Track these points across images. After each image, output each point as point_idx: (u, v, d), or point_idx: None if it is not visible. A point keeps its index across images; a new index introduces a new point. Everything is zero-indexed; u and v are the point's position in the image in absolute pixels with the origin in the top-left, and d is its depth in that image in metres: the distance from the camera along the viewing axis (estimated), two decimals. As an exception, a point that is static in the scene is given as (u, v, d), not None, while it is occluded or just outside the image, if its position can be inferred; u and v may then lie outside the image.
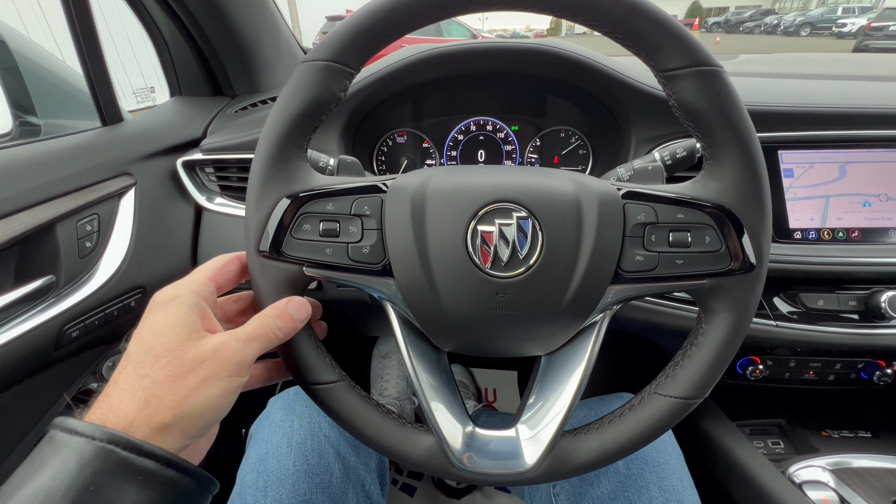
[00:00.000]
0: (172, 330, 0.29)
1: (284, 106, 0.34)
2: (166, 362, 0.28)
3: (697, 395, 0.35)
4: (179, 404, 0.27)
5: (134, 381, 0.27)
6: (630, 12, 0.32)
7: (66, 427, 0.26)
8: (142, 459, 0.25)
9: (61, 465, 0.24)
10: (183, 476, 0.27)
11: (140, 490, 0.25)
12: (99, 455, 0.24)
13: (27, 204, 0.52)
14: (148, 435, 0.26)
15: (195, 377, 0.28)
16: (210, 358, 0.29)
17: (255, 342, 0.31)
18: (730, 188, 0.34)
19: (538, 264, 0.34)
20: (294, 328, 0.34)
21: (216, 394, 0.29)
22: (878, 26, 11.79)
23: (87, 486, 0.24)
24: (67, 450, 0.24)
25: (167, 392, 0.27)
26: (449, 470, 0.37)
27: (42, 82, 0.78)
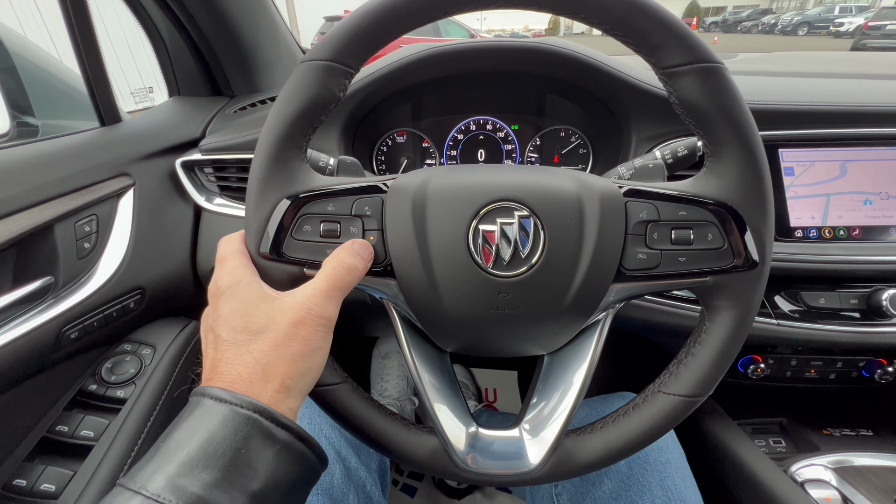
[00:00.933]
0: (257, 307, 0.31)
1: (284, 106, 0.34)
2: (266, 335, 0.30)
3: (701, 393, 0.35)
4: (291, 367, 0.30)
5: (243, 356, 0.29)
6: (631, 9, 0.31)
7: (214, 395, 0.28)
8: (279, 430, 0.28)
9: (216, 429, 0.26)
10: (308, 450, 0.30)
11: (277, 458, 0.27)
12: (248, 422, 0.27)
13: (25, 205, 0.52)
14: (274, 398, 0.29)
15: (296, 342, 0.30)
16: (301, 321, 0.31)
17: (335, 293, 0.32)
18: (732, 185, 0.34)
19: (540, 263, 0.34)
20: (365, 267, 0.35)
21: (315, 349, 0.31)
22: (875, 25, 11.83)
23: (240, 448, 0.26)
24: (219, 416, 0.27)
25: (277, 359, 0.29)
26: (452, 471, 0.37)
27: (40, 82, 0.78)
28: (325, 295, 0.32)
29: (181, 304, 0.72)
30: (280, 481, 0.27)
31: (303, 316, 0.31)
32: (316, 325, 0.31)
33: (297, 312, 0.31)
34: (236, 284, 0.32)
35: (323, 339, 0.32)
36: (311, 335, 0.31)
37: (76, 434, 0.54)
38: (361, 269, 0.34)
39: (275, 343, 0.30)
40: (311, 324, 0.31)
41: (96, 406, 0.57)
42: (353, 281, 0.33)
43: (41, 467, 0.51)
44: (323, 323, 0.31)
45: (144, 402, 0.57)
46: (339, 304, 0.33)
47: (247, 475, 0.26)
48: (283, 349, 0.30)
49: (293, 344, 0.30)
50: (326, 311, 0.32)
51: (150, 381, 0.59)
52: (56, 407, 0.56)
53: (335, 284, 0.32)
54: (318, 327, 0.31)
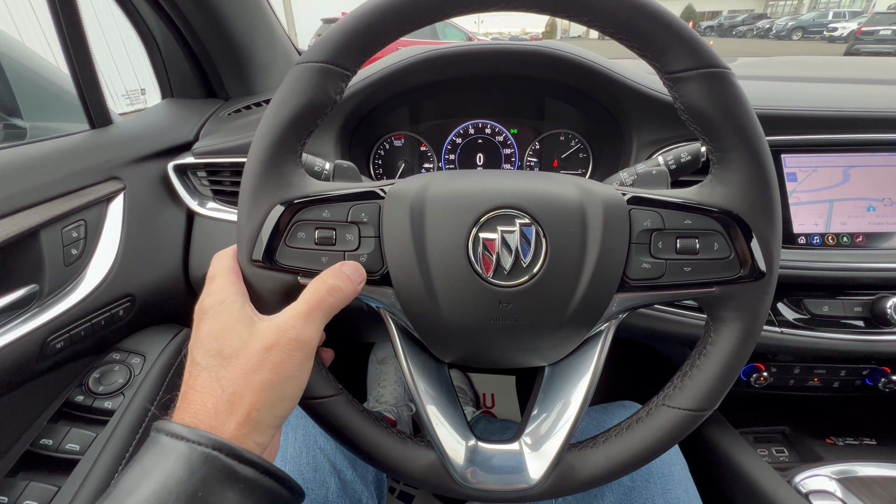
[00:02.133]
0: (233, 330, 0.29)
1: (278, 109, 0.33)
2: (236, 361, 0.28)
3: (707, 408, 0.34)
4: (260, 397, 0.28)
5: (212, 384, 0.28)
6: (635, 13, 0.31)
7: (170, 432, 0.26)
8: (243, 467, 0.26)
9: (171, 470, 0.25)
10: (278, 485, 0.28)
11: (242, 498, 0.26)
12: (206, 461, 0.25)
13: (10, 210, 0.50)
14: (238, 432, 0.27)
15: (267, 367, 0.28)
16: (274, 345, 0.29)
17: (314, 314, 0.30)
18: (738, 193, 0.33)
19: (542, 272, 0.33)
20: (353, 289, 0.33)
21: (289, 377, 0.29)
22: (869, 30, 11.98)
23: (196, 492, 0.24)
24: (174, 454, 0.25)
25: (245, 388, 0.28)
26: (450, 486, 0.36)
27: (28, 84, 0.76)
28: (304, 317, 0.30)
29: (173, 311, 0.70)
30: None
31: (276, 339, 0.29)
32: (291, 349, 0.29)
33: (271, 336, 0.29)
34: (220, 305, 0.31)
35: (298, 366, 0.29)
36: (284, 361, 0.29)
37: (61, 448, 0.52)
38: (348, 291, 0.32)
39: (244, 370, 0.28)
40: (286, 348, 0.29)
41: (83, 418, 0.55)
42: (336, 303, 0.31)
43: (24, 483, 0.49)
44: (299, 347, 0.29)
45: (133, 413, 0.56)
46: (319, 328, 0.31)
47: None
48: (251, 377, 0.28)
49: (263, 371, 0.28)
50: (304, 335, 0.30)
51: (139, 391, 0.58)
52: (41, 419, 0.55)
53: (315, 306, 0.30)
54: (294, 352, 0.29)
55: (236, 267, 0.34)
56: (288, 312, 0.30)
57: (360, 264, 0.34)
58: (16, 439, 0.53)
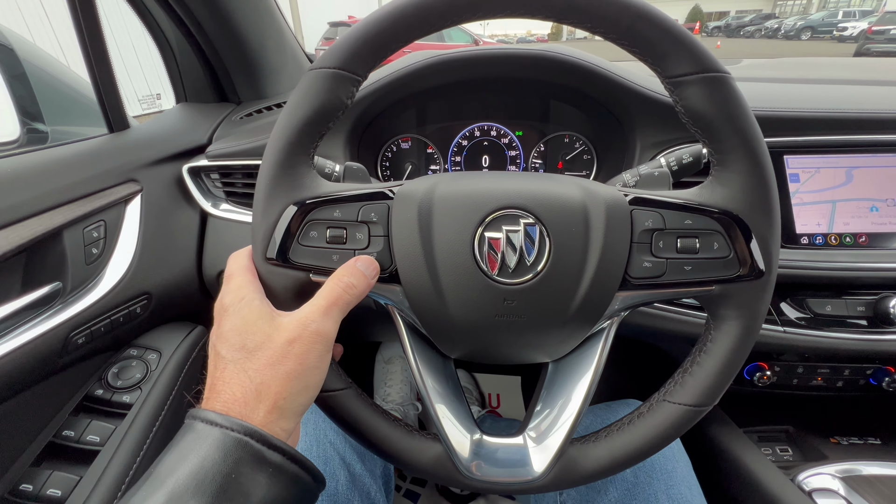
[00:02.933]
0: (255, 325, 0.31)
1: (292, 113, 0.34)
2: (262, 353, 0.30)
3: (707, 403, 0.35)
4: (285, 386, 0.29)
5: (239, 375, 0.30)
6: (637, 19, 0.32)
7: (205, 418, 0.28)
8: (272, 452, 0.28)
9: (207, 453, 0.26)
10: (303, 472, 0.30)
11: (270, 481, 0.27)
12: (238, 446, 0.27)
13: (35, 211, 0.52)
14: (266, 419, 0.29)
15: (291, 360, 0.30)
16: (297, 339, 0.30)
17: (333, 310, 0.32)
18: (738, 194, 0.34)
19: (546, 271, 0.34)
20: (368, 284, 0.34)
21: (312, 368, 0.31)
22: (879, 30, 11.80)
23: (230, 474, 0.26)
24: (210, 439, 0.27)
25: (272, 378, 0.29)
26: (456, 478, 0.37)
27: (49, 89, 0.79)
28: (323, 312, 0.32)
29: (187, 309, 0.72)
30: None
31: (298, 333, 0.30)
32: (312, 342, 0.31)
33: (294, 330, 0.31)
34: (239, 302, 0.32)
35: (319, 357, 0.31)
36: (306, 353, 0.30)
37: (82, 439, 0.54)
38: (362, 287, 0.34)
39: (269, 361, 0.30)
40: (307, 341, 0.31)
41: (102, 411, 0.57)
42: (351, 300, 0.33)
43: (48, 472, 0.51)
44: (319, 340, 0.31)
45: (150, 407, 0.58)
46: (337, 322, 0.33)
47: (237, 500, 0.26)
48: (276, 367, 0.29)
49: (287, 362, 0.30)
50: (323, 328, 0.31)
51: (155, 386, 0.60)
52: (63, 412, 0.57)
53: (333, 302, 0.32)
54: (315, 345, 0.31)
55: (251, 266, 0.36)
56: (308, 308, 0.32)
57: (373, 258, 0.35)
58: (39, 430, 0.55)
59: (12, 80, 0.72)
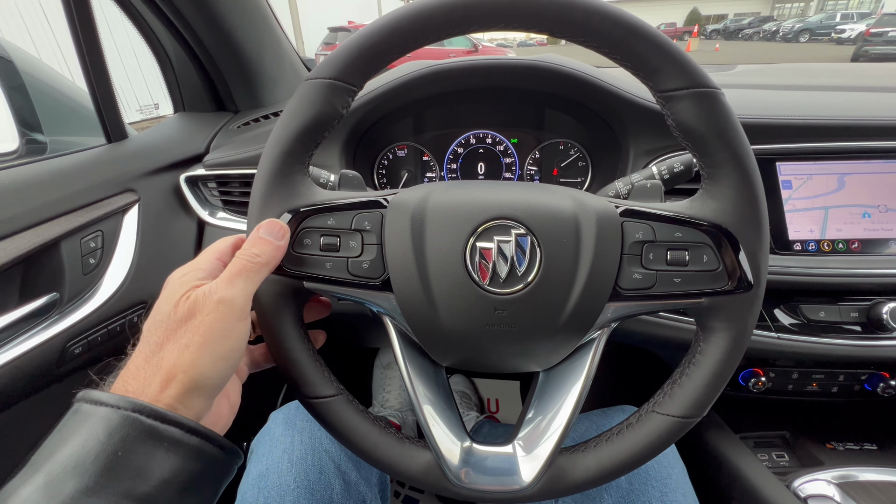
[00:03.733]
0: (169, 299, 0.30)
1: (288, 122, 0.35)
2: (164, 326, 0.29)
3: (695, 415, 0.35)
4: (190, 360, 0.28)
5: (143, 349, 0.29)
6: (629, 34, 0.32)
7: (90, 398, 0.27)
8: (166, 427, 0.26)
9: (89, 433, 0.25)
10: (207, 444, 0.28)
11: (167, 456, 0.26)
12: (125, 423, 0.25)
13: (32, 222, 0.53)
14: (164, 394, 0.27)
15: (191, 332, 0.29)
16: (199, 310, 0.29)
17: (238, 278, 0.31)
18: (728, 208, 0.34)
19: (536, 281, 0.35)
20: (275, 247, 0.34)
21: (219, 338, 0.29)
22: (877, 32, 11.82)
23: (116, 451, 0.25)
24: (94, 419, 0.25)
25: (172, 353, 0.28)
26: (445, 486, 0.37)
27: (48, 100, 0.80)
28: (226, 282, 0.31)
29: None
30: (173, 480, 0.26)
31: (201, 304, 0.29)
32: (215, 311, 0.29)
33: (196, 302, 0.30)
34: (180, 278, 0.32)
35: (226, 327, 0.30)
36: (211, 324, 0.29)
37: (79, 449, 0.54)
38: (269, 253, 0.33)
39: (168, 335, 0.29)
40: (210, 311, 0.29)
41: (99, 420, 0.57)
42: (259, 268, 0.32)
43: (44, 483, 0.51)
44: (223, 309, 0.30)
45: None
46: (245, 292, 0.31)
47: (126, 478, 0.24)
48: (177, 341, 0.28)
49: (187, 334, 0.29)
50: (227, 295, 0.30)
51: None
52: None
53: (237, 273, 0.31)
54: (219, 314, 0.29)
55: (225, 252, 0.35)
56: (213, 281, 0.31)
57: (277, 220, 0.35)
58: (36, 442, 0.55)
59: (11, 91, 0.73)
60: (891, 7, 19.96)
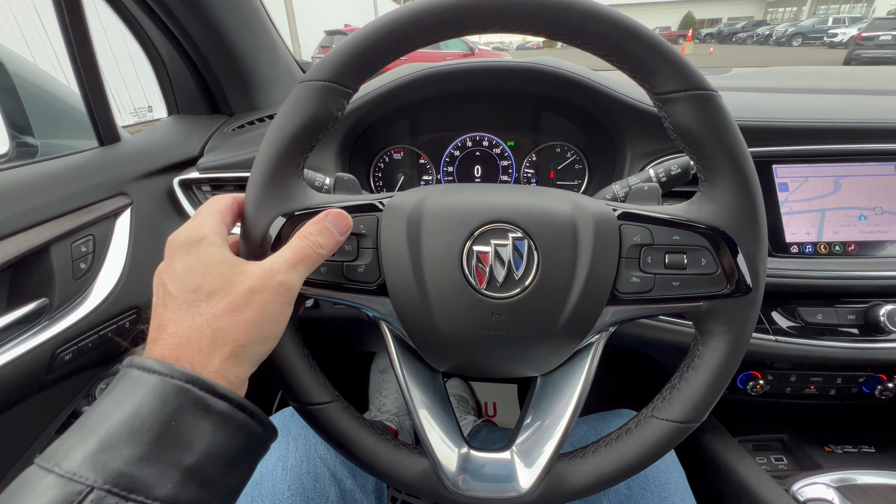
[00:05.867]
0: (216, 268, 0.30)
1: (281, 125, 0.34)
2: (221, 298, 0.29)
3: (695, 420, 0.35)
4: (244, 334, 0.29)
5: (192, 317, 0.28)
6: (626, 37, 0.32)
7: (142, 366, 0.26)
8: (216, 400, 0.26)
9: (144, 400, 0.25)
10: (251, 420, 0.28)
11: (215, 429, 0.26)
12: (178, 393, 0.25)
13: (22, 226, 0.52)
14: (222, 367, 0.28)
15: (252, 308, 0.29)
16: (261, 288, 0.29)
17: (300, 266, 0.31)
18: (725, 211, 0.34)
19: (534, 285, 0.34)
20: (336, 242, 0.34)
21: (272, 319, 0.30)
22: (869, 36, 11.98)
23: (170, 422, 0.25)
24: (146, 387, 0.25)
25: (230, 325, 0.28)
26: (442, 493, 0.36)
27: (40, 102, 0.79)
28: (289, 265, 0.31)
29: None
30: (219, 453, 0.26)
31: (263, 283, 0.30)
32: (276, 292, 0.30)
33: (258, 279, 0.30)
34: (198, 242, 0.31)
35: (281, 309, 0.30)
36: (269, 303, 0.29)
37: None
38: (330, 245, 0.33)
39: (229, 307, 0.28)
40: (271, 291, 0.30)
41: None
42: (318, 259, 0.33)
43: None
44: (283, 292, 0.30)
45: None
46: (303, 277, 0.32)
47: (178, 448, 0.24)
48: (237, 315, 0.28)
49: (248, 310, 0.29)
50: (289, 280, 0.30)
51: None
52: (48, 430, 0.56)
53: (301, 258, 0.32)
54: (278, 296, 0.30)
55: (225, 212, 0.35)
56: (275, 258, 0.31)
57: (344, 213, 0.35)
58: (24, 450, 0.54)
59: (1, 93, 0.72)
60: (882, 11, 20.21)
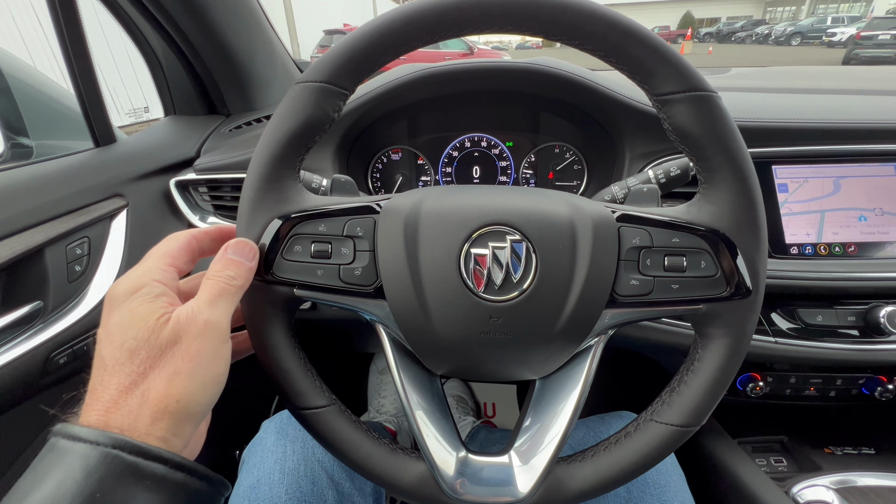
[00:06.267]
0: (142, 320, 0.27)
1: (278, 126, 0.34)
2: (145, 353, 0.27)
3: (694, 423, 0.35)
4: (177, 387, 0.26)
5: (119, 378, 0.26)
6: (624, 38, 0.32)
7: (67, 434, 0.24)
8: (149, 463, 0.25)
9: (66, 473, 0.23)
10: (193, 478, 0.27)
11: (150, 495, 0.24)
12: (104, 461, 0.23)
13: (16, 229, 0.51)
14: (154, 426, 0.26)
15: (179, 357, 0.27)
16: (185, 333, 0.27)
17: (220, 300, 0.30)
18: (725, 213, 0.34)
19: (532, 288, 0.34)
20: (249, 268, 0.32)
21: (207, 363, 0.28)
22: (867, 35, 11.98)
23: (94, 493, 0.23)
24: (71, 457, 0.24)
25: (157, 380, 0.26)
26: (440, 498, 0.36)
27: (35, 103, 0.78)
28: (209, 303, 0.29)
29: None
30: None
31: (186, 327, 0.27)
32: (203, 333, 0.28)
33: (182, 324, 0.27)
34: (133, 293, 0.28)
35: (214, 351, 0.28)
36: (199, 347, 0.28)
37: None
38: (244, 275, 0.32)
39: (153, 361, 0.27)
40: (197, 333, 0.28)
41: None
42: (236, 290, 0.31)
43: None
44: (210, 332, 0.28)
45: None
46: (227, 313, 0.30)
47: None
48: (164, 368, 0.26)
49: (175, 360, 0.27)
50: (213, 318, 0.29)
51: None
52: (42, 435, 0.55)
53: (217, 293, 0.30)
54: (207, 337, 0.28)
55: (178, 253, 0.32)
56: (193, 301, 0.29)
57: (244, 240, 0.33)
58: (17, 456, 0.53)
59: (-3, 94, 0.72)
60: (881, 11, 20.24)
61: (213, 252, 0.34)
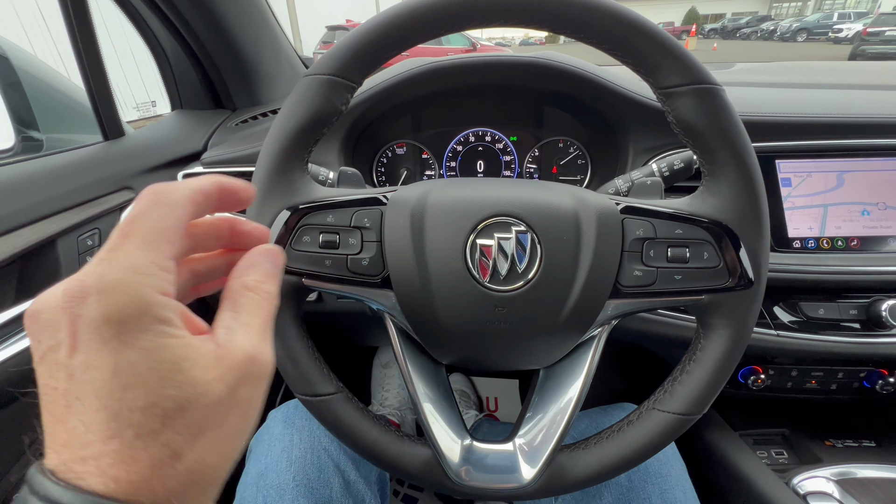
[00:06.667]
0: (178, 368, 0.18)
1: (286, 119, 0.35)
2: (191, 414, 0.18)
3: (696, 412, 0.35)
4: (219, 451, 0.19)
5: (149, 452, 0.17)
6: (629, 30, 0.32)
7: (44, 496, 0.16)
8: None
9: None
10: None
11: None
12: None
13: (29, 220, 0.52)
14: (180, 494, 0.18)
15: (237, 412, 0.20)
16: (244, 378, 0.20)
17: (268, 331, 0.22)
18: (728, 205, 0.34)
19: (537, 278, 0.34)
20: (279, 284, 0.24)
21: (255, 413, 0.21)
22: (874, 31, 11.87)
23: None
24: None
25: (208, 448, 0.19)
26: (445, 483, 0.37)
27: (45, 97, 0.79)
28: (262, 336, 0.22)
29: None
30: None
31: (246, 371, 0.20)
32: (260, 378, 0.21)
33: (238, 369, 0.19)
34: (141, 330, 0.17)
35: (262, 396, 0.21)
36: (253, 398, 0.21)
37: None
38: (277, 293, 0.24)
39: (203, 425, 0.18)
40: (255, 378, 0.20)
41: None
42: (275, 313, 0.23)
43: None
44: (267, 376, 0.21)
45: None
46: None
47: None
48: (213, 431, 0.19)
49: (231, 418, 0.19)
50: (270, 357, 0.22)
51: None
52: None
53: (267, 319, 0.22)
54: (263, 383, 0.21)
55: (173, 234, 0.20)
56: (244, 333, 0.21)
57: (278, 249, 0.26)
58: (32, 442, 0.54)
59: (7, 88, 0.72)
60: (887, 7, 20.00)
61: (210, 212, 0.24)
